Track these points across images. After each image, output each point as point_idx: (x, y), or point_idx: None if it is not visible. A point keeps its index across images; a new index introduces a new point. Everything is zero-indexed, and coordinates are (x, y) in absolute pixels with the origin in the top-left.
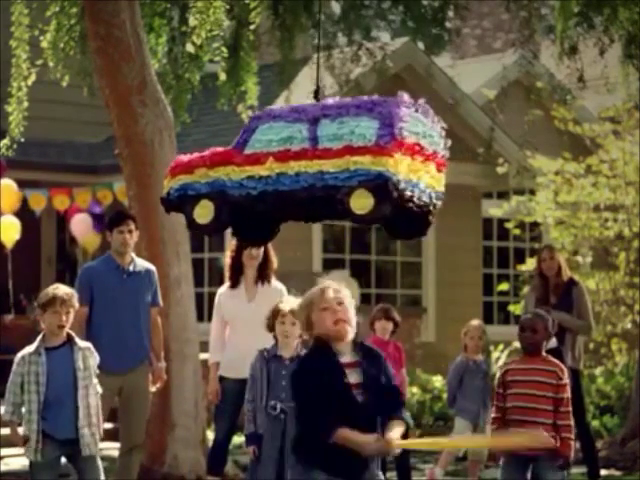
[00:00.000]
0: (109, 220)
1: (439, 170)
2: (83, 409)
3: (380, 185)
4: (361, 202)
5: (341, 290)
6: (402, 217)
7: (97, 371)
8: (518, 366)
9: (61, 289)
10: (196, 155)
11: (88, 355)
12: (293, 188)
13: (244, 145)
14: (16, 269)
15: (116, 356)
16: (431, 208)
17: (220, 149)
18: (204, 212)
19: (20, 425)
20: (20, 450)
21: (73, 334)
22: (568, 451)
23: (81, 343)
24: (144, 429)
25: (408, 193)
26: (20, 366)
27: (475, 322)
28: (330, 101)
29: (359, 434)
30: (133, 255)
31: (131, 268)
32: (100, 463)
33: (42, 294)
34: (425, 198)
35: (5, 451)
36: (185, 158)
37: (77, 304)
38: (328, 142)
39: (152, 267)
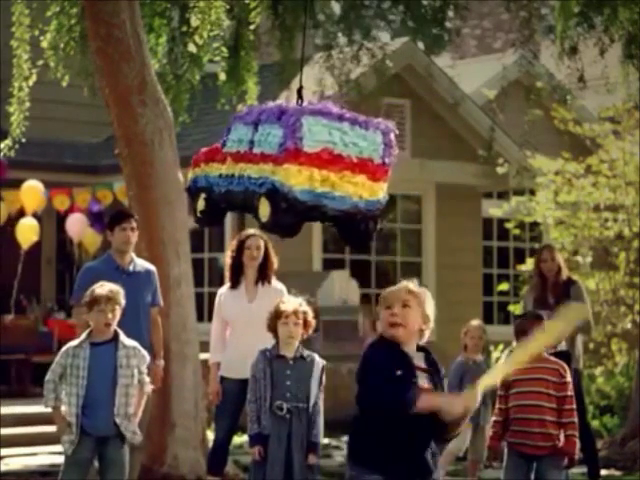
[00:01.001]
0: (110, 218)
1: (374, 179)
2: (121, 407)
3: (272, 195)
4: (263, 210)
5: (415, 290)
6: (341, 226)
7: (145, 371)
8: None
9: (106, 287)
10: (206, 148)
11: (132, 354)
12: (236, 189)
13: (225, 143)
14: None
15: None
16: (361, 218)
17: (216, 145)
18: (199, 205)
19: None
20: (20, 450)
21: (120, 332)
22: (573, 449)
23: (127, 342)
24: (144, 430)
25: (310, 202)
26: (63, 358)
27: (475, 322)
28: (275, 104)
29: (441, 395)
30: (133, 255)
31: (131, 268)
32: (127, 466)
33: (88, 292)
34: (345, 207)
35: (5, 451)
36: (202, 150)
37: (123, 301)
38: (257, 147)
39: (152, 267)
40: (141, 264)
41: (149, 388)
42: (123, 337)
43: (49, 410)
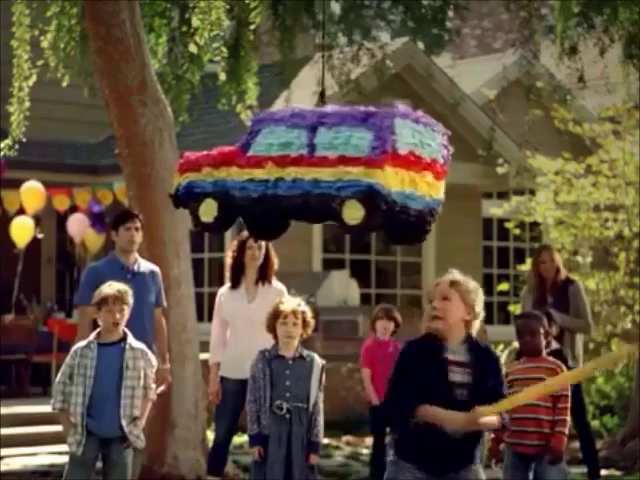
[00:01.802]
0: (115, 218)
1: (437, 178)
2: (127, 409)
3: (370, 197)
4: (353, 213)
5: (457, 281)
6: (398, 225)
7: (152, 376)
8: (520, 366)
9: (114, 287)
10: (204, 153)
11: (139, 356)
12: (289, 194)
13: (247, 147)
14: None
15: None
16: (427, 216)
17: (226, 148)
18: (208, 210)
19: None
20: (20, 450)
21: (129, 333)
22: (560, 445)
23: (135, 343)
24: (146, 430)
25: (400, 204)
26: (72, 358)
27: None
28: (329, 108)
29: (444, 410)
30: (137, 256)
31: (135, 268)
32: (130, 468)
33: (97, 292)
34: (420, 207)
35: (5, 451)
36: (193, 156)
37: (131, 300)
38: (324, 150)
39: (156, 268)
40: (145, 264)
41: (153, 395)
42: (131, 338)
43: (49, 410)
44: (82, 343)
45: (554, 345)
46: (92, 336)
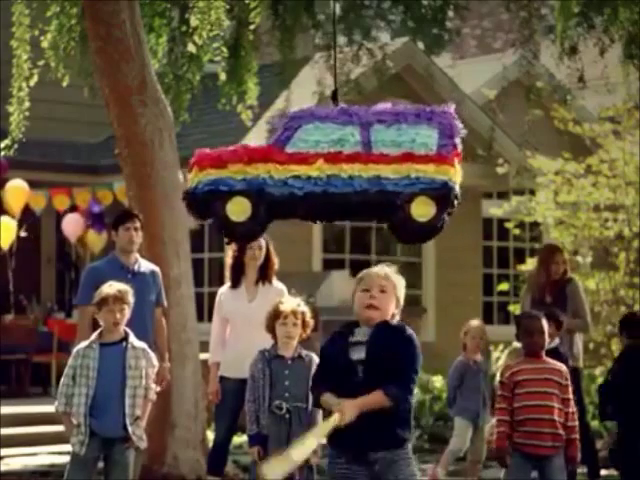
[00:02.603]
0: (114, 219)
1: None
2: (129, 408)
3: (444, 194)
4: (423, 209)
5: (391, 275)
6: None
7: (152, 376)
8: (527, 366)
9: (114, 287)
10: (227, 149)
11: (141, 356)
12: (344, 191)
13: (285, 143)
14: (16, 269)
15: None
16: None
17: (253, 145)
18: (238, 209)
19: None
20: (20, 450)
21: (130, 332)
22: (576, 452)
23: (136, 343)
24: (147, 430)
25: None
26: (74, 359)
27: (475, 322)
28: (382, 106)
29: (332, 398)
30: (137, 256)
31: (136, 268)
32: (132, 468)
33: (97, 292)
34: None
35: (5, 451)
36: (212, 151)
37: (132, 300)
38: (384, 148)
39: (156, 268)
40: (146, 264)
41: (153, 395)
42: (133, 338)
43: (49, 410)
44: (84, 344)
45: (555, 342)
46: (94, 336)
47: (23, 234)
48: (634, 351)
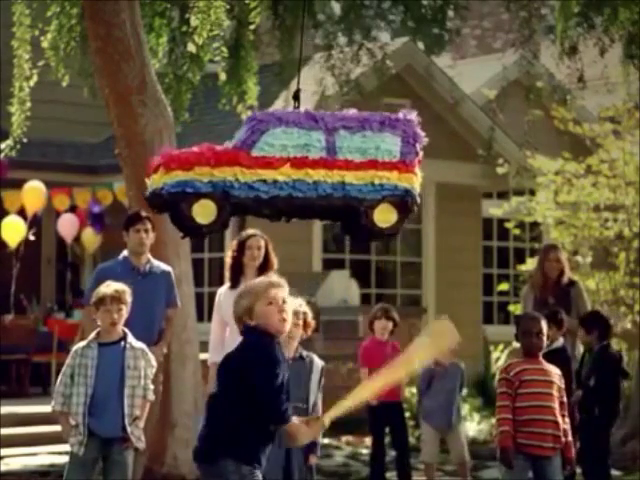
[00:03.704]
0: (126, 220)
1: None
2: (127, 408)
3: (406, 201)
4: (385, 216)
5: (285, 287)
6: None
7: (151, 376)
8: (531, 366)
9: (112, 287)
10: (191, 151)
11: (139, 356)
12: (309, 195)
13: (251, 147)
14: (16, 269)
15: None
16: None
17: (218, 147)
18: (204, 211)
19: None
20: (20, 450)
21: (128, 332)
22: (572, 453)
23: (135, 343)
24: (145, 430)
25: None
26: (72, 358)
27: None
28: (348, 113)
29: (301, 425)
30: (149, 256)
31: (147, 269)
32: (131, 468)
33: (95, 292)
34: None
35: (5, 451)
36: (177, 153)
37: (130, 299)
38: (349, 154)
39: (168, 268)
40: (157, 265)
41: (152, 396)
42: (131, 338)
43: (49, 410)
44: (82, 343)
45: (559, 343)
46: (92, 336)
47: (32, 237)
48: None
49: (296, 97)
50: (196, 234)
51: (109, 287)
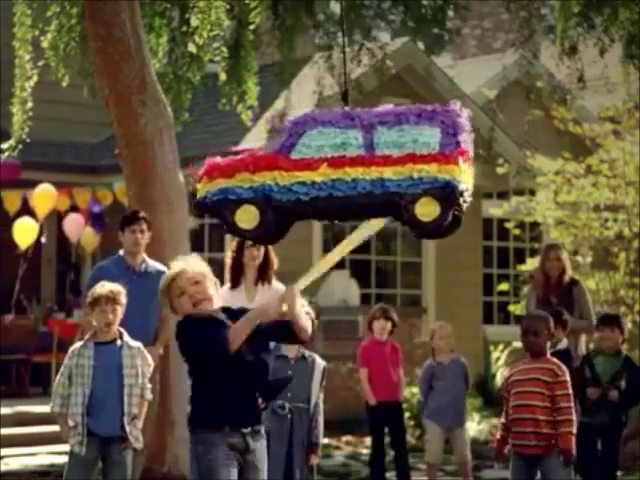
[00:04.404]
0: (122, 219)
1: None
2: (126, 407)
3: (447, 193)
4: (427, 209)
5: (195, 267)
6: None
7: (148, 375)
8: (520, 367)
9: (107, 287)
10: (233, 158)
11: (136, 354)
12: (349, 194)
13: (290, 150)
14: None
15: None
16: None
17: (261, 153)
18: (247, 217)
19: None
20: (20, 450)
21: (124, 332)
22: (569, 444)
23: (131, 342)
24: (146, 430)
25: (468, 199)
26: (70, 359)
27: (439, 323)
28: (384, 108)
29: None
30: (145, 256)
31: (142, 269)
32: (130, 467)
33: (90, 292)
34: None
35: (5, 451)
36: (220, 161)
37: (124, 300)
38: (387, 149)
39: (164, 268)
40: (153, 265)
41: (150, 395)
42: (127, 337)
43: (49, 410)
44: (79, 343)
45: (563, 344)
46: (88, 336)
47: (44, 240)
48: None
49: (344, 97)
50: (245, 238)
51: (104, 287)
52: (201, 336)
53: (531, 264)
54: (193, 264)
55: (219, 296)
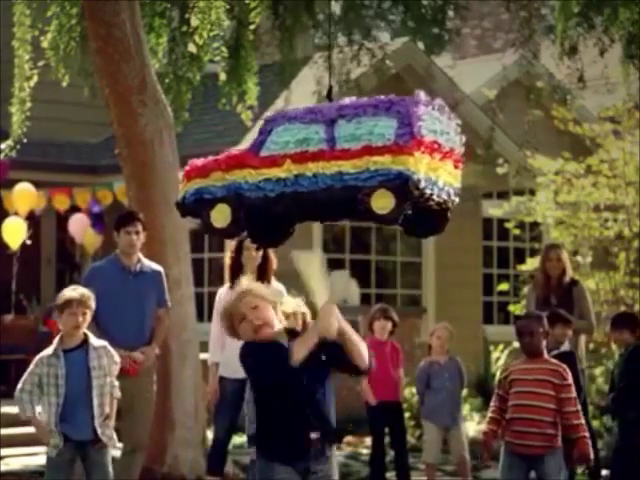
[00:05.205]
0: (117, 220)
1: (456, 167)
2: (98, 408)
3: (401, 184)
4: (382, 202)
5: (253, 290)
6: (421, 215)
7: (115, 372)
8: (521, 366)
9: (77, 291)
10: (211, 158)
11: (103, 354)
12: (312, 189)
13: (260, 147)
14: (16, 269)
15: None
16: (449, 205)
17: (235, 152)
18: (221, 216)
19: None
20: (20, 450)
21: (89, 334)
22: (586, 449)
23: (96, 342)
24: (148, 430)
25: (428, 191)
26: (38, 367)
27: (442, 323)
28: (346, 101)
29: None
30: (140, 256)
31: (137, 269)
32: (110, 466)
33: (59, 296)
34: (444, 195)
35: (5, 451)
36: (199, 162)
37: (93, 305)
38: (346, 143)
39: (159, 268)
40: (148, 265)
41: (118, 393)
42: (92, 339)
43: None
44: (48, 352)
45: (565, 347)
46: (56, 344)
47: (28, 242)
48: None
49: (329, 94)
50: (219, 236)
51: (75, 291)
52: (263, 361)
53: (531, 264)
54: (254, 286)
55: (225, 297)
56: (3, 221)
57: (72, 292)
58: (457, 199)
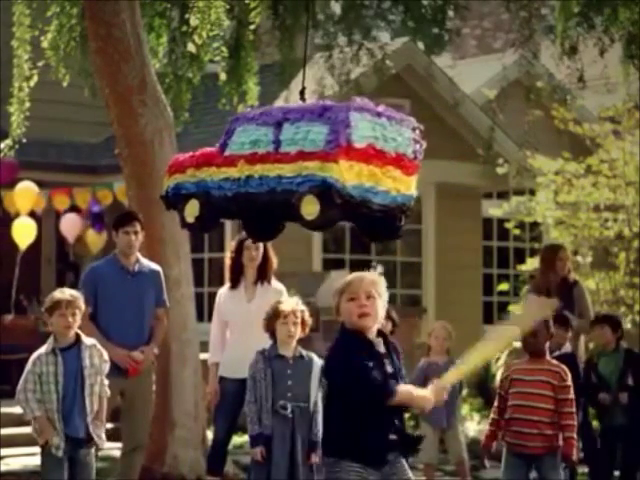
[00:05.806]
0: (115, 220)
1: (406, 173)
2: (89, 406)
3: (324, 192)
4: (309, 208)
5: (375, 282)
6: (364, 220)
7: (105, 370)
8: (522, 366)
9: (66, 292)
10: (189, 154)
11: (94, 353)
12: (258, 191)
13: (225, 146)
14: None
15: (120, 357)
16: (396, 212)
17: (208, 150)
18: (191, 211)
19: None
20: (20, 450)
21: (81, 333)
22: (571, 450)
23: (87, 341)
24: (147, 430)
25: (359, 198)
26: (37, 366)
27: (441, 322)
28: (294, 104)
29: (417, 389)
30: (138, 255)
31: (136, 268)
32: (94, 467)
33: (48, 297)
34: (385, 202)
35: (5, 451)
36: (181, 157)
37: (83, 305)
38: (287, 146)
39: (157, 267)
40: (147, 264)
41: (108, 391)
42: (84, 338)
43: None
44: (44, 350)
45: (566, 348)
46: (50, 342)
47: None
48: None
49: (302, 95)
50: (190, 231)
51: (64, 293)
52: (364, 377)
53: (531, 264)
54: (379, 280)
55: (225, 297)
56: (5, 221)
57: (60, 294)
58: (409, 204)
